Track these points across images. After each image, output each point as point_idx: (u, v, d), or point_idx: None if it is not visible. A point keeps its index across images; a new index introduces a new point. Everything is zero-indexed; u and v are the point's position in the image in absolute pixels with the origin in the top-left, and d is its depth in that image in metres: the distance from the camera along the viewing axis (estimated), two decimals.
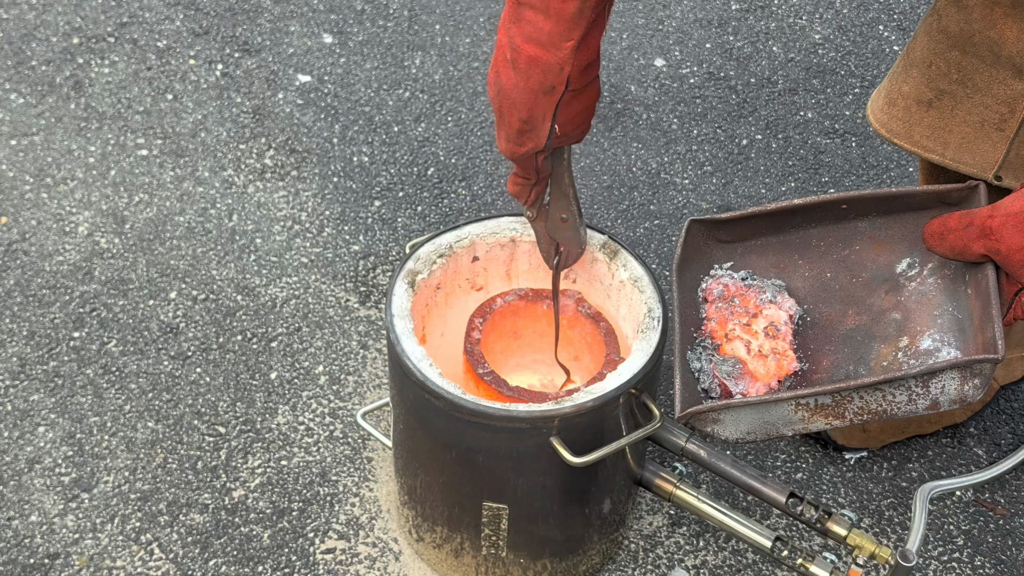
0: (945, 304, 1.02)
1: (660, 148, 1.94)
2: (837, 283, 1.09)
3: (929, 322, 1.01)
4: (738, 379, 1.05)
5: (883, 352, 1.03)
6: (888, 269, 1.07)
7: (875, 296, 1.06)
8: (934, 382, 0.95)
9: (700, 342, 1.09)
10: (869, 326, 1.05)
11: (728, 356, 1.06)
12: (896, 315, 1.04)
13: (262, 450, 1.47)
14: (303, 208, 1.80)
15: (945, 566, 1.39)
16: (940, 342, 1.00)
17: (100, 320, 1.62)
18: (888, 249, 1.08)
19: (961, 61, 1.16)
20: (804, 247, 1.12)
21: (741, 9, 2.23)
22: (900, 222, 1.07)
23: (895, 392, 0.96)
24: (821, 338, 1.08)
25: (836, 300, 1.09)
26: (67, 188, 1.81)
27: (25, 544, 1.37)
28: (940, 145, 1.20)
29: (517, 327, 1.31)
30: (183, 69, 2.04)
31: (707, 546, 1.40)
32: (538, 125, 1.05)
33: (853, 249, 1.09)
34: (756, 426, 1.01)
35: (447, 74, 2.05)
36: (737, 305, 1.09)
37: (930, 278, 1.04)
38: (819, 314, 1.09)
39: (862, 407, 0.98)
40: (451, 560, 1.30)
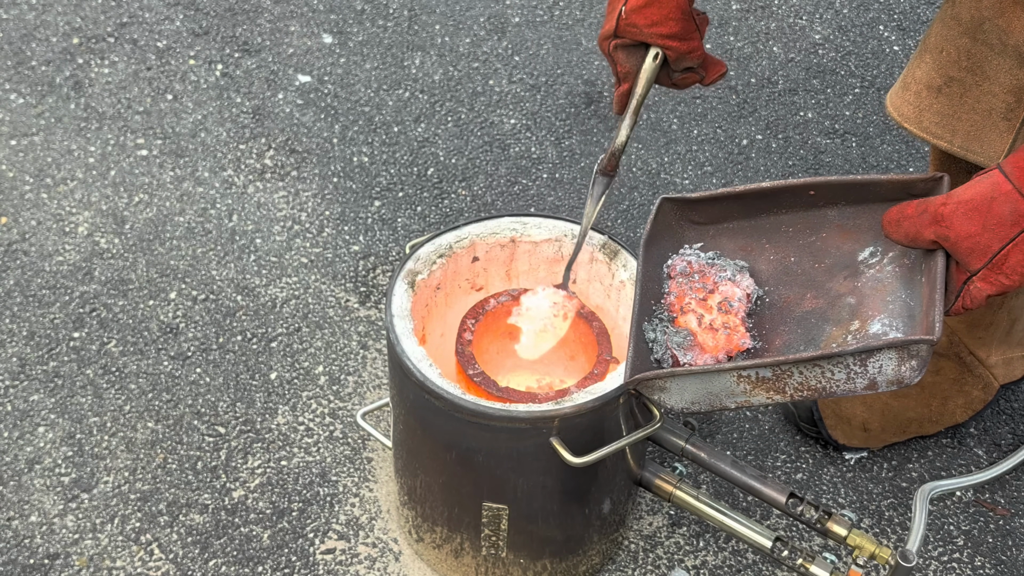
0: (899, 291, 1.04)
1: (660, 148, 1.94)
2: (800, 267, 1.11)
3: (881, 307, 1.03)
4: (687, 350, 1.07)
5: (834, 334, 1.04)
6: (851, 256, 1.09)
7: (834, 281, 1.08)
8: (872, 361, 0.97)
9: (658, 314, 1.11)
10: (824, 310, 1.07)
11: (681, 328, 1.09)
12: (851, 300, 1.06)
13: (262, 450, 1.47)
14: (303, 208, 1.80)
15: (945, 566, 1.39)
16: (888, 327, 1.01)
17: (100, 320, 1.62)
18: (853, 237, 1.09)
19: (971, 48, 1.16)
20: (773, 232, 1.14)
21: (741, 9, 2.23)
22: (868, 212, 1.09)
23: (834, 369, 0.98)
24: (777, 319, 1.10)
25: (797, 284, 1.11)
26: (67, 188, 1.81)
27: (25, 544, 1.37)
28: (948, 132, 1.20)
29: (513, 327, 1.31)
30: (183, 69, 2.04)
31: (707, 546, 1.40)
32: (613, 8, 1.10)
33: (820, 236, 1.11)
34: (700, 396, 1.04)
35: (447, 74, 2.05)
36: (696, 281, 1.11)
37: (888, 266, 1.06)
38: (779, 296, 1.11)
39: (802, 383, 1.00)
40: (451, 560, 1.30)
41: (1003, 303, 1.37)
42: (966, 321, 1.39)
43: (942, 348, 1.41)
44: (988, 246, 0.95)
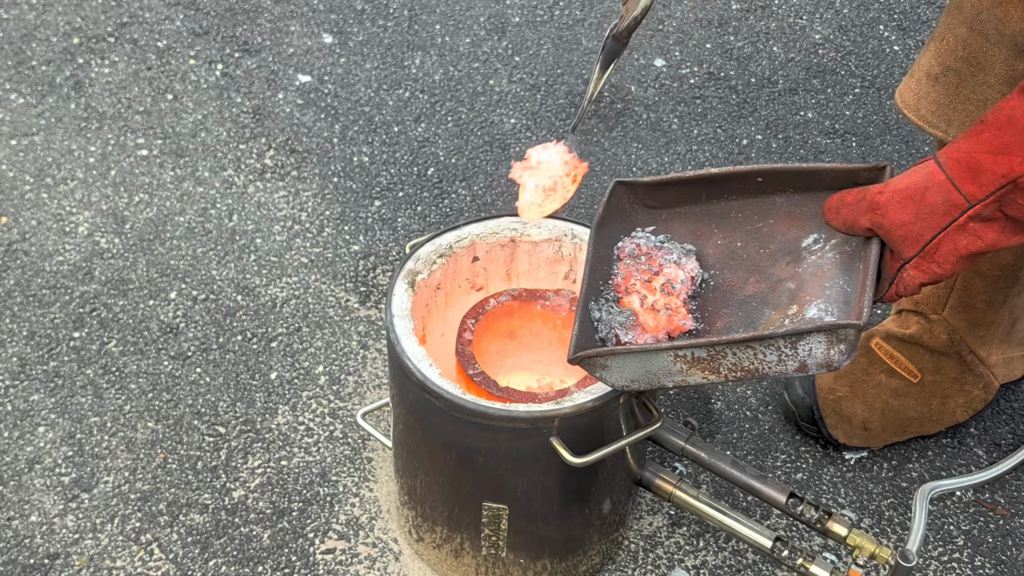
0: (837, 277, 1.05)
1: (660, 148, 1.94)
2: (745, 252, 1.13)
3: (818, 293, 1.05)
4: (629, 329, 1.09)
5: (772, 318, 1.06)
6: (795, 243, 1.11)
7: (777, 266, 1.10)
8: (802, 344, 0.99)
9: (604, 294, 1.13)
10: (765, 294, 1.09)
11: (625, 308, 1.11)
12: (791, 284, 1.08)
13: (262, 450, 1.47)
14: (303, 208, 1.80)
15: (945, 566, 1.39)
16: (824, 311, 1.03)
17: (100, 320, 1.62)
18: (799, 224, 1.11)
19: (968, 38, 1.16)
20: (723, 217, 1.15)
21: (741, 9, 2.23)
22: (815, 200, 1.11)
23: (766, 351, 1.00)
24: (720, 302, 1.12)
25: (741, 268, 1.13)
26: (67, 188, 1.81)
27: (25, 544, 1.37)
28: (944, 122, 1.20)
29: (512, 327, 1.31)
30: (183, 69, 2.04)
31: (707, 546, 1.40)
32: None
33: (767, 222, 1.13)
34: (639, 374, 1.06)
35: (447, 74, 2.05)
36: (643, 263, 1.13)
37: (830, 253, 1.07)
38: (723, 280, 1.13)
39: (735, 364, 1.02)
40: (451, 560, 1.30)
41: (1004, 302, 1.37)
42: (967, 320, 1.39)
43: (943, 347, 1.41)
44: (920, 235, 0.97)
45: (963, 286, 1.36)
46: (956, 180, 0.95)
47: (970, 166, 0.93)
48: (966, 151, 0.94)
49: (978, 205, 0.94)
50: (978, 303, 1.37)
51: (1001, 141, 0.92)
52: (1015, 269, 1.33)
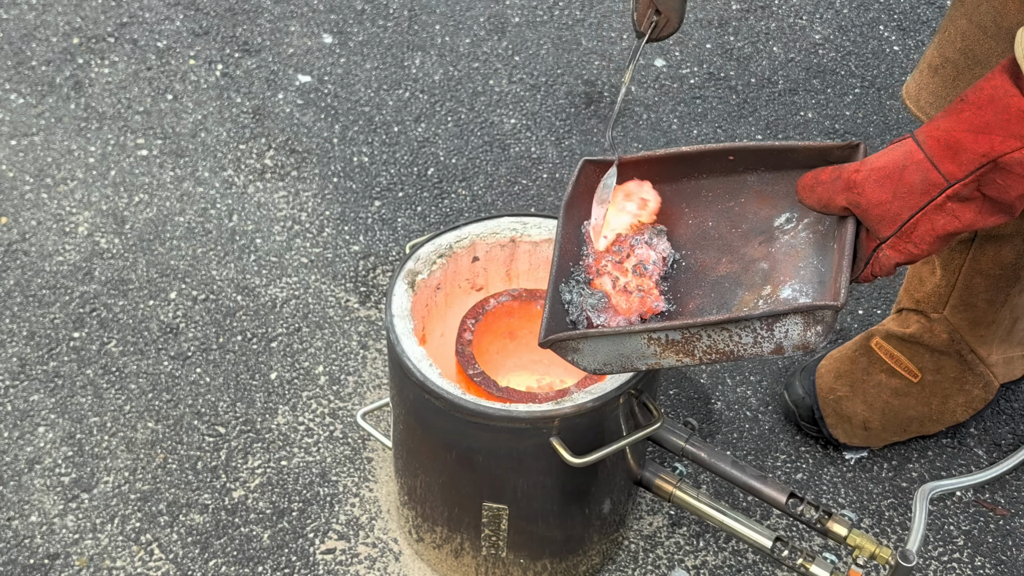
0: (811, 257, 1.04)
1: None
2: (717, 232, 1.12)
3: (792, 273, 1.04)
4: (601, 312, 1.08)
5: (745, 299, 1.05)
6: (767, 222, 1.09)
7: (749, 246, 1.09)
8: (778, 326, 0.97)
9: (575, 276, 1.11)
10: (738, 274, 1.08)
11: (596, 290, 1.09)
12: (764, 265, 1.07)
13: (262, 450, 1.47)
14: (303, 208, 1.80)
15: (945, 566, 1.39)
16: (799, 292, 1.02)
17: (100, 320, 1.62)
18: (771, 203, 1.10)
19: (967, 30, 1.16)
20: (693, 197, 1.14)
21: (741, 9, 2.23)
22: (786, 178, 1.09)
23: (741, 333, 0.99)
24: (692, 283, 1.10)
25: (713, 248, 1.11)
26: (67, 188, 1.81)
27: (25, 544, 1.37)
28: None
29: (512, 327, 1.31)
30: (183, 69, 2.04)
31: (707, 546, 1.40)
32: None
33: (738, 201, 1.12)
34: (612, 357, 1.04)
35: (447, 74, 2.05)
36: (614, 244, 1.11)
37: (803, 232, 1.06)
38: (695, 260, 1.11)
39: (710, 346, 1.01)
40: (451, 560, 1.30)
41: (1006, 301, 1.37)
42: (968, 319, 1.39)
43: (943, 346, 1.41)
44: (898, 214, 0.95)
45: (964, 285, 1.36)
46: (935, 159, 0.93)
47: (950, 145, 0.92)
48: (946, 129, 0.92)
49: (957, 185, 0.92)
50: (979, 302, 1.36)
51: (982, 120, 0.90)
52: (1016, 268, 1.33)
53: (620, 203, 1.13)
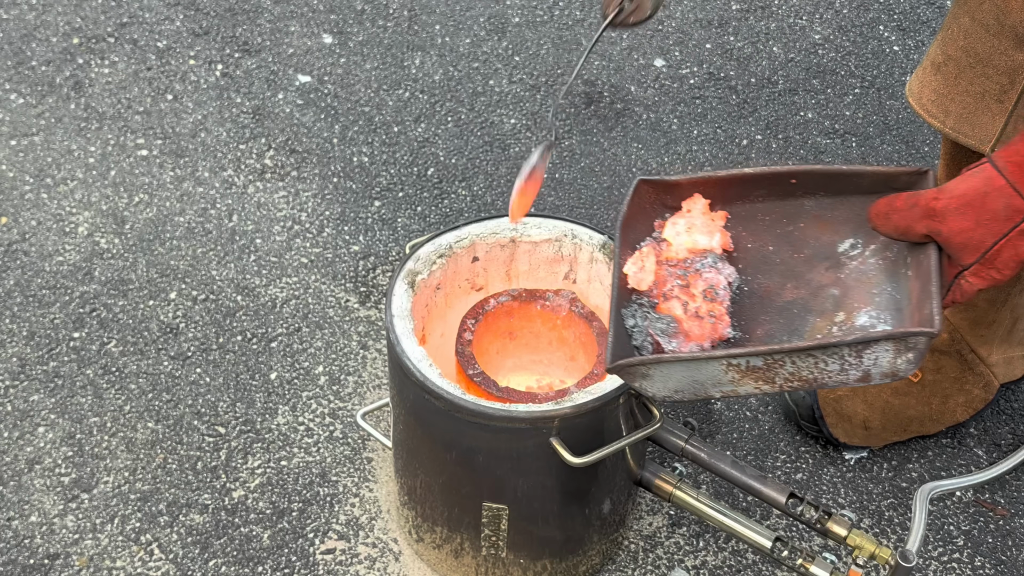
0: (884, 284, 1.03)
1: (660, 148, 1.94)
2: (778, 256, 1.10)
3: (867, 299, 1.02)
4: (672, 337, 1.05)
5: (818, 325, 1.03)
6: (830, 248, 1.08)
7: (815, 272, 1.07)
8: (868, 353, 0.95)
9: (637, 300, 1.09)
10: (806, 300, 1.06)
11: (664, 314, 1.06)
12: (834, 291, 1.05)
13: (262, 450, 1.47)
14: (303, 208, 1.80)
15: (945, 566, 1.39)
16: (876, 319, 1.00)
17: (100, 320, 1.62)
18: (832, 229, 1.08)
19: (969, 28, 1.16)
20: (749, 220, 1.12)
21: (741, 9, 2.23)
22: (847, 204, 1.08)
23: (828, 360, 0.96)
24: (757, 308, 1.08)
25: (776, 273, 1.09)
26: (67, 188, 1.81)
27: (25, 544, 1.37)
28: (942, 112, 1.20)
29: (512, 327, 1.31)
30: (183, 69, 2.04)
31: (707, 546, 1.40)
32: None
33: (797, 226, 1.10)
34: (685, 384, 1.01)
35: (447, 74, 2.05)
36: (677, 267, 1.09)
37: (871, 258, 1.05)
38: (757, 285, 1.09)
39: (793, 373, 0.98)
40: (451, 560, 1.30)
41: (1006, 301, 1.37)
42: (968, 319, 1.39)
43: (943, 345, 1.41)
44: (981, 241, 0.95)
45: None
46: (1017, 184, 0.92)
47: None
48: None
49: None
50: (979, 302, 1.36)
51: None
52: None
53: (687, 226, 1.11)
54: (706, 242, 1.10)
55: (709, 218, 1.11)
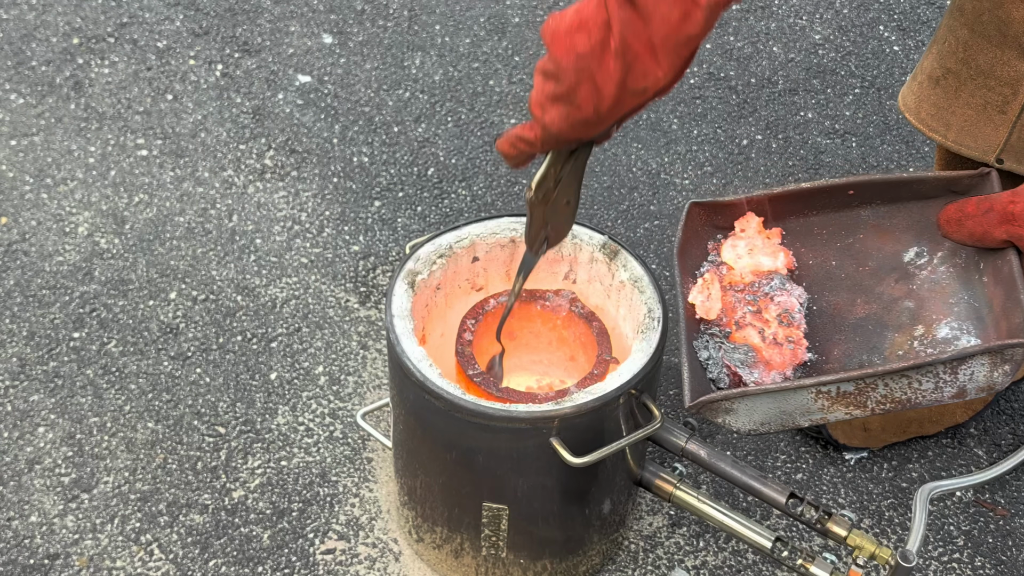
0: (960, 292, 1.00)
1: (660, 148, 1.94)
2: (843, 271, 1.07)
3: (945, 310, 1.00)
4: (752, 367, 1.02)
5: (897, 341, 1.01)
6: (896, 258, 1.05)
7: (884, 285, 1.05)
8: (963, 368, 0.92)
9: (707, 330, 1.05)
10: (880, 315, 1.03)
11: (740, 344, 1.03)
12: (909, 303, 1.02)
13: (262, 451, 1.47)
14: (303, 208, 1.80)
15: (945, 567, 1.39)
16: (958, 330, 0.98)
17: (100, 320, 1.62)
18: (894, 238, 1.06)
19: (968, 40, 1.16)
20: (805, 235, 1.09)
21: (741, 9, 2.23)
22: (905, 211, 1.06)
23: (922, 379, 0.93)
24: (830, 327, 1.05)
25: (843, 288, 1.06)
26: (67, 188, 1.81)
27: (25, 544, 1.37)
28: (942, 125, 1.20)
29: (512, 328, 1.31)
30: (183, 69, 2.04)
31: (707, 547, 1.40)
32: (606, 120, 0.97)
33: (857, 238, 1.08)
34: (772, 416, 0.98)
35: (447, 74, 2.05)
36: (744, 292, 1.06)
37: (941, 266, 1.02)
38: (826, 303, 1.06)
39: (886, 395, 0.95)
40: (451, 561, 1.30)
41: None
42: None
43: None
44: None
45: None
46: None
47: None
48: None
49: None
50: None
51: None
52: None
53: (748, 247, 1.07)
54: (770, 263, 1.06)
55: (765, 236, 1.08)
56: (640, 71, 0.90)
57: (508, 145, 1.02)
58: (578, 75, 0.92)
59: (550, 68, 0.93)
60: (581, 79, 0.91)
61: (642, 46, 0.88)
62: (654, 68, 0.90)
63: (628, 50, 0.89)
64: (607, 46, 0.89)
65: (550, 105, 0.95)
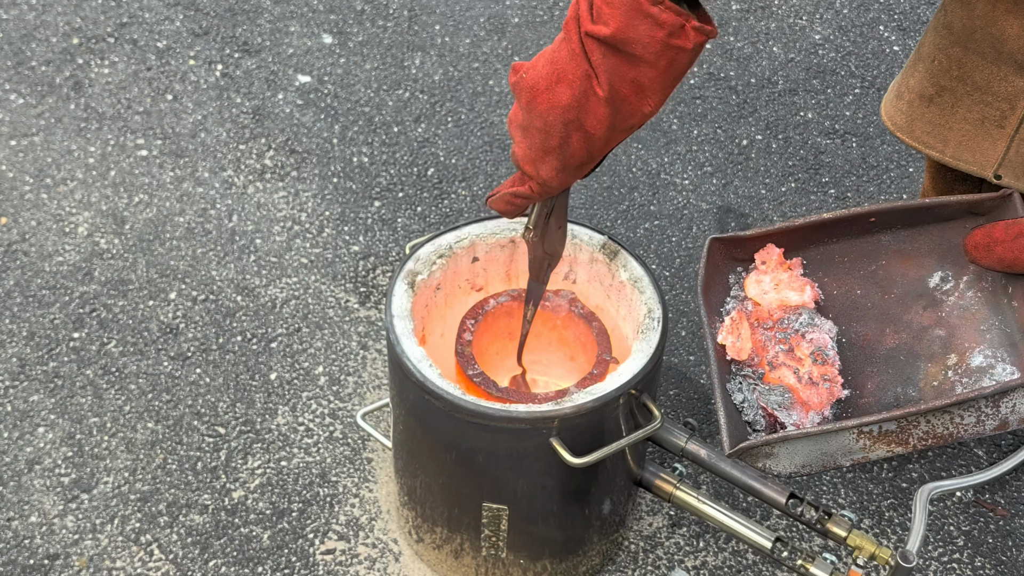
0: (991, 318, 0.98)
1: (660, 148, 1.94)
2: (868, 300, 1.05)
3: (977, 338, 0.98)
4: (789, 409, 1.00)
5: (931, 371, 0.99)
6: (920, 284, 1.03)
7: (912, 313, 1.03)
8: (1005, 401, 0.91)
9: (740, 371, 1.03)
10: (911, 344, 1.01)
11: (775, 384, 1.01)
12: (939, 332, 1.01)
13: (262, 451, 1.47)
14: (303, 209, 1.80)
15: (945, 567, 1.39)
16: (993, 358, 0.97)
17: (100, 321, 1.61)
18: (916, 263, 1.04)
19: (962, 58, 1.16)
20: (827, 264, 1.07)
21: (741, 9, 2.23)
22: (925, 234, 1.04)
23: (964, 414, 0.92)
24: (861, 360, 1.03)
25: (870, 319, 1.05)
26: (67, 188, 1.81)
27: (25, 545, 1.37)
28: (940, 142, 1.20)
29: (512, 328, 1.30)
30: (183, 69, 2.04)
31: (707, 547, 1.40)
32: (597, 158, 0.99)
33: (879, 264, 1.06)
34: (813, 458, 0.97)
35: (447, 74, 2.05)
36: (773, 329, 1.03)
37: (968, 292, 1.01)
38: (855, 334, 1.05)
39: (928, 431, 0.94)
40: (451, 561, 1.30)
41: None
42: None
43: None
44: None
45: None
46: None
47: None
48: None
49: None
50: None
51: None
52: None
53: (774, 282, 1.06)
54: (797, 297, 1.04)
55: (786, 267, 1.07)
56: (628, 111, 0.93)
57: (503, 204, 1.05)
58: (566, 127, 0.94)
59: (536, 124, 0.95)
60: (570, 130, 0.94)
61: (630, 89, 0.91)
62: (642, 106, 0.92)
63: (617, 95, 0.91)
64: (592, 94, 0.92)
65: (542, 160, 0.97)
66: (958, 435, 0.94)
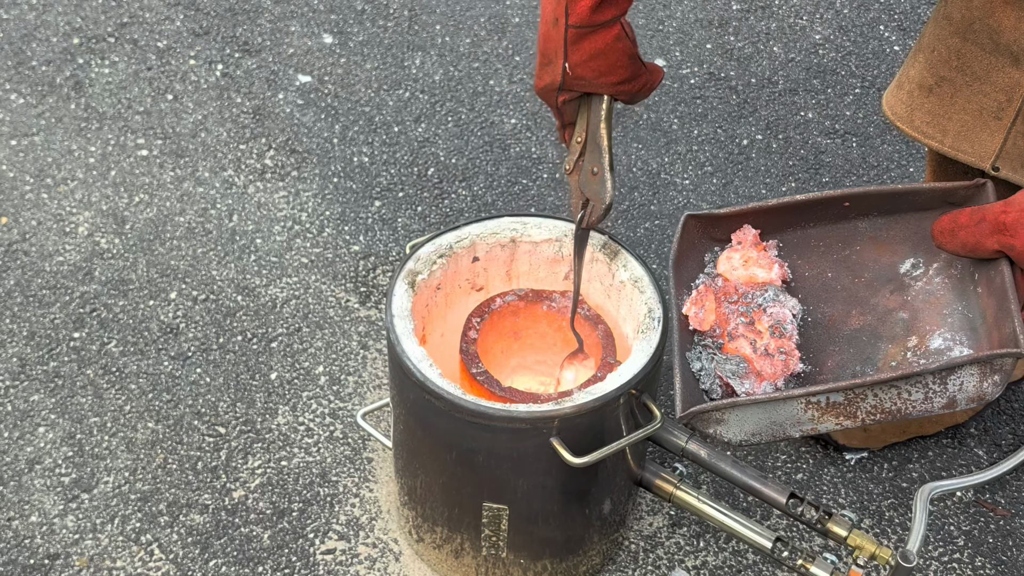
0: (954, 303, 1.00)
1: (660, 148, 1.94)
2: (839, 283, 1.07)
3: (939, 321, 1.00)
4: (743, 378, 1.03)
5: (891, 352, 1.01)
6: (891, 269, 1.05)
7: (879, 296, 1.05)
8: (952, 379, 0.93)
9: (700, 341, 1.06)
10: (875, 326, 1.03)
11: (732, 355, 1.04)
12: (903, 315, 1.03)
13: (262, 450, 1.47)
14: (303, 208, 1.80)
15: (945, 567, 1.39)
16: (952, 341, 0.98)
17: (100, 320, 1.61)
18: (890, 250, 1.06)
19: (961, 48, 1.16)
20: (803, 247, 1.10)
21: (741, 9, 2.23)
22: (902, 222, 1.06)
23: (911, 389, 0.94)
24: (824, 339, 1.06)
25: (838, 300, 1.07)
26: (67, 188, 1.81)
27: (25, 544, 1.37)
28: (939, 132, 1.20)
29: (517, 328, 1.31)
30: (183, 69, 2.04)
31: (707, 547, 1.40)
32: (552, 60, 1.06)
33: (854, 249, 1.08)
34: (762, 427, 0.99)
35: (447, 74, 2.05)
36: (738, 303, 1.07)
37: (936, 277, 1.02)
38: (821, 314, 1.07)
39: (876, 406, 0.96)
40: (451, 561, 1.30)
41: None
42: None
43: None
44: None
45: None
46: None
47: None
48: None
49: None
50: None
51: None
52: None
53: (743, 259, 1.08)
54: (764, 275, 1.07)
55: (761, 248, 1.09)
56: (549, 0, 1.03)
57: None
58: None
59: None
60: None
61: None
62: None
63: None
64: None
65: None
66: (906, 411, 0.96)
